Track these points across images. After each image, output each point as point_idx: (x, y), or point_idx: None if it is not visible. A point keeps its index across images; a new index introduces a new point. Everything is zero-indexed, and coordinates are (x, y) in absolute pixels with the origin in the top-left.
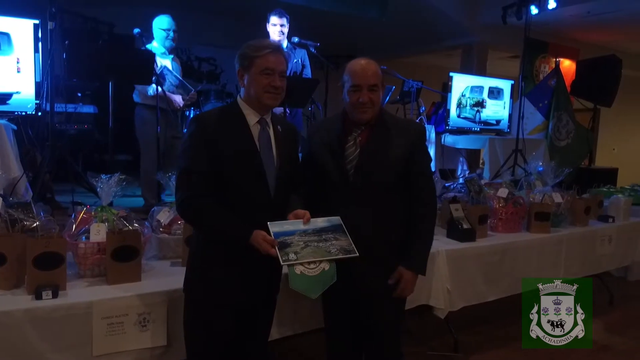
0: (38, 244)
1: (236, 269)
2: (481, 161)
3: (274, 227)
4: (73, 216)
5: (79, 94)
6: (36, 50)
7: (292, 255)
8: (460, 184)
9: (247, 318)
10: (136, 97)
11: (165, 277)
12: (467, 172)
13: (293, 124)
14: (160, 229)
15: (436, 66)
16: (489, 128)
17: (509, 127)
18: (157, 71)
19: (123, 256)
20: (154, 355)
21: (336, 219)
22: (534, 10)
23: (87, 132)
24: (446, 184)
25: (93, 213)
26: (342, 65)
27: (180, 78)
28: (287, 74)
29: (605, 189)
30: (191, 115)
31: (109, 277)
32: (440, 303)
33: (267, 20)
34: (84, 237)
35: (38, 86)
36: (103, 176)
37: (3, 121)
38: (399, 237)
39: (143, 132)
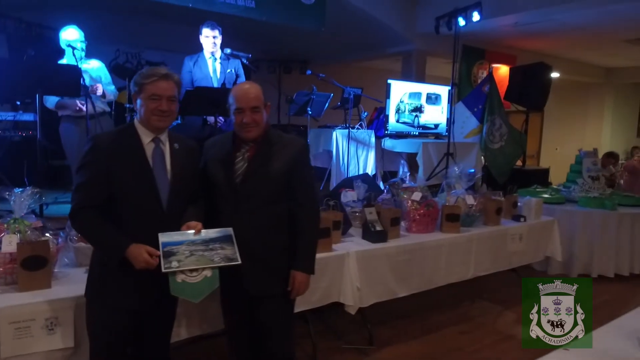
0: None
1: (129, 272)
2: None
3: (163, 237)
4: None
5: (18, 103)
6: None
7: (174, 263)
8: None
9: (145, 320)
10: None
11: (76, 283)
12: (407, 174)
13: (194, 143)
14: (76, 238)
15: (385, 70)
16: (427, 132)
17: (447, 130)
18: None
19: (33, 265)
20: (64, 356)
21: (228, 230)
22: (461, 22)
23: (32, 138)
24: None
25: (6, 225)
26: (294, 70)
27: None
28: (220, 84)
29: (531, 189)
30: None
31: (20, 285)
32: (350, 300)
33: (199, 32)
34: None
35: None
36: (16, 189)
37: None
38: (284, 241)
39: None
